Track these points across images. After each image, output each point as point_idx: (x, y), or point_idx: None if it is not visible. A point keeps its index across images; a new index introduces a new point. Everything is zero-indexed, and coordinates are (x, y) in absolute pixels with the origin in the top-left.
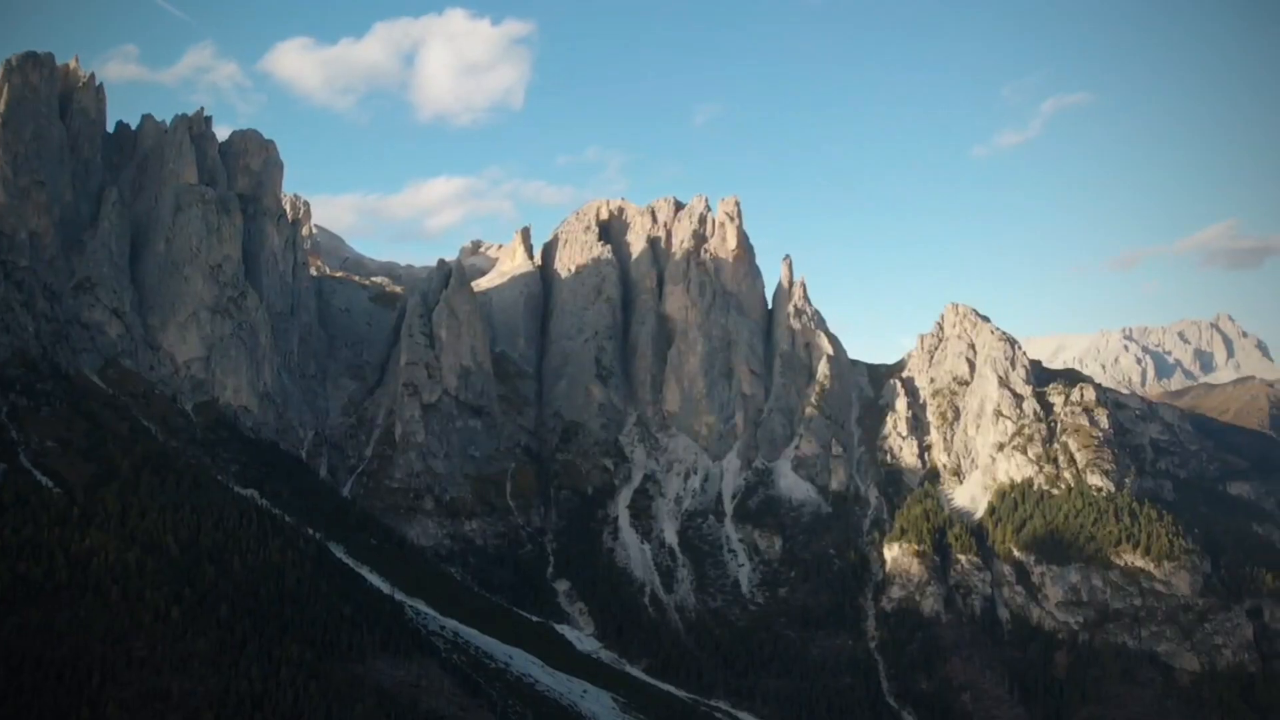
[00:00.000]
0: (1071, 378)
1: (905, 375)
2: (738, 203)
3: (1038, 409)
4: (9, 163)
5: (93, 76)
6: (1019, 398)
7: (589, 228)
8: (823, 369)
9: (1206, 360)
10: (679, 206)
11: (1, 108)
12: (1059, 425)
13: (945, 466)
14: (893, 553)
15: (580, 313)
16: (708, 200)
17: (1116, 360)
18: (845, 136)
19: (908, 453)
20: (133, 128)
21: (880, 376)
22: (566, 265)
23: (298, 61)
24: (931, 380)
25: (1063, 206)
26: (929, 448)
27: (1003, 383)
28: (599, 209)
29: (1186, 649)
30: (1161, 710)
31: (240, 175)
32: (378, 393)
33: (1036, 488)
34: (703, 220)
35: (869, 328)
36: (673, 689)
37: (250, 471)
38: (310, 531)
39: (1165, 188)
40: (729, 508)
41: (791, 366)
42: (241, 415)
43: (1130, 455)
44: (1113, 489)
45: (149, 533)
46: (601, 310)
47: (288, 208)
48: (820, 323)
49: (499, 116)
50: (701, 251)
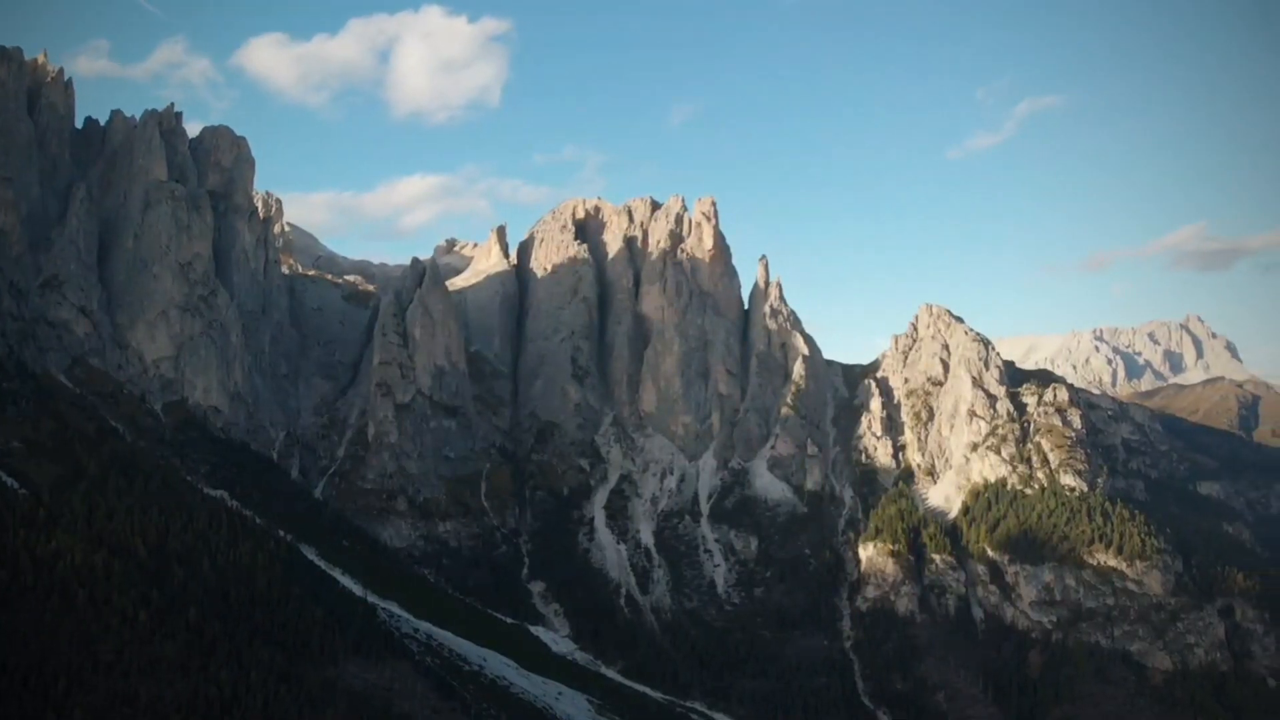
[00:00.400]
0: (1044, 378)
1: (880, 375)
2: (714, 203)
3: (1011, 409)
4: None
5: (61, 71)
6: (992, 398)
7: (565, 227)
8: (798, 369)
9: (1176, 361)
10: (656, 206)
11: None
12: (1032, 425)
13: (920, 466)
14: (868, 553)
15: (556, 312)
16: (684, 200)
17: (1087, 361)
18: (822, 137)
19: (882, 453)
20: (102, 124)
21: (855, 377)
22: (542, 264)
23: (271, 57)
24: (906, 380)
25: (1035, 208)
26: (903, 448)
27: (976, 383)
28: (575, 208)
29: (1159, 648)
30: (1134, 709)
31: (211, 172)
32: (350, 393)
33: (1010, 488)
34: (679, 220)
35: (844, 328)
36: (648, 690)
37: (220, 472)
38: (281, 533)
39: (1136, 190)
40: (705, 508)
41: (767, 367)
42: (211, 415)
43: (1102, 455)
44: (1085, 489)
45: (116, 535)
46: (578, 310)
47: (259, 205)
48: (796, 323)
49: (475, 114)
50: (678, 251)
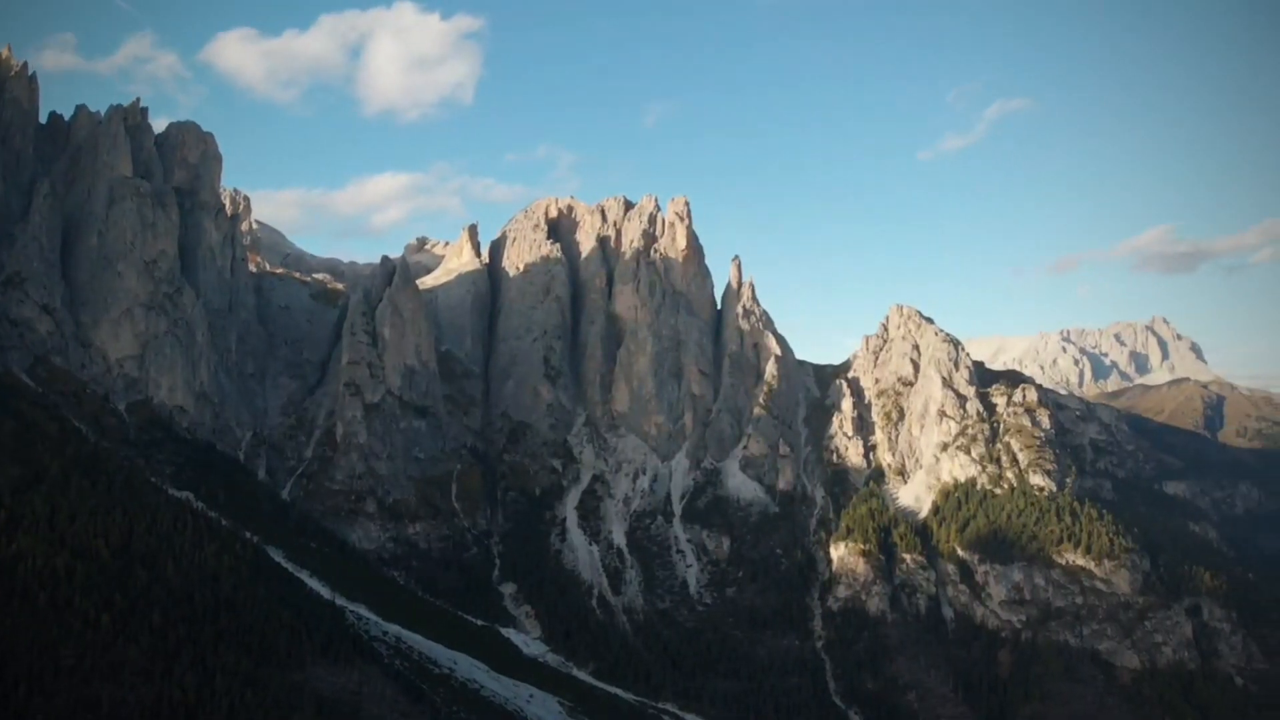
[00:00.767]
0: (1013, 379)
1: (851, 376)
2: (687, 203)
3: (980, 409)
4: None
5: (25, 65)
6: (962, 398)
7: (538, 226)
8: (771, 369)
9: (1142, 362)
10: (629, 206)
11: None
12: (1001, 426)
13: (890, 466)
14: (839, 552)
15: (529, 312)
16: (657, 200)
17: (1055, 362)
18: (795, 138)
19: (853, 452)
20: (66, 119)
21: (827, 377)
22: (515, 264)
23: (240, 53)
24: (877, 381)
25: (1004, 210)
26: (874, 447)
27: (946, 383)
28: (548, 207)
29: (1127, 647)
30: (1103, 707)
31: (177, 168)
32: (318, 392)
33: (980, 487)
34: (652, 220)
35: (816, 328)
36: (620, 692)
37: (185, 473)
38: (248, 535)
39: (1103, 193)
40: (677, 508)
41: (740, 367)
42: (177, 415)
43: (1070, 455)
44: (1054, 489)
45: (79, 537)
46: (550, 309)
47: (227, 202)
48: (768, 323)
49: (448, 112)
50: (651, 251)
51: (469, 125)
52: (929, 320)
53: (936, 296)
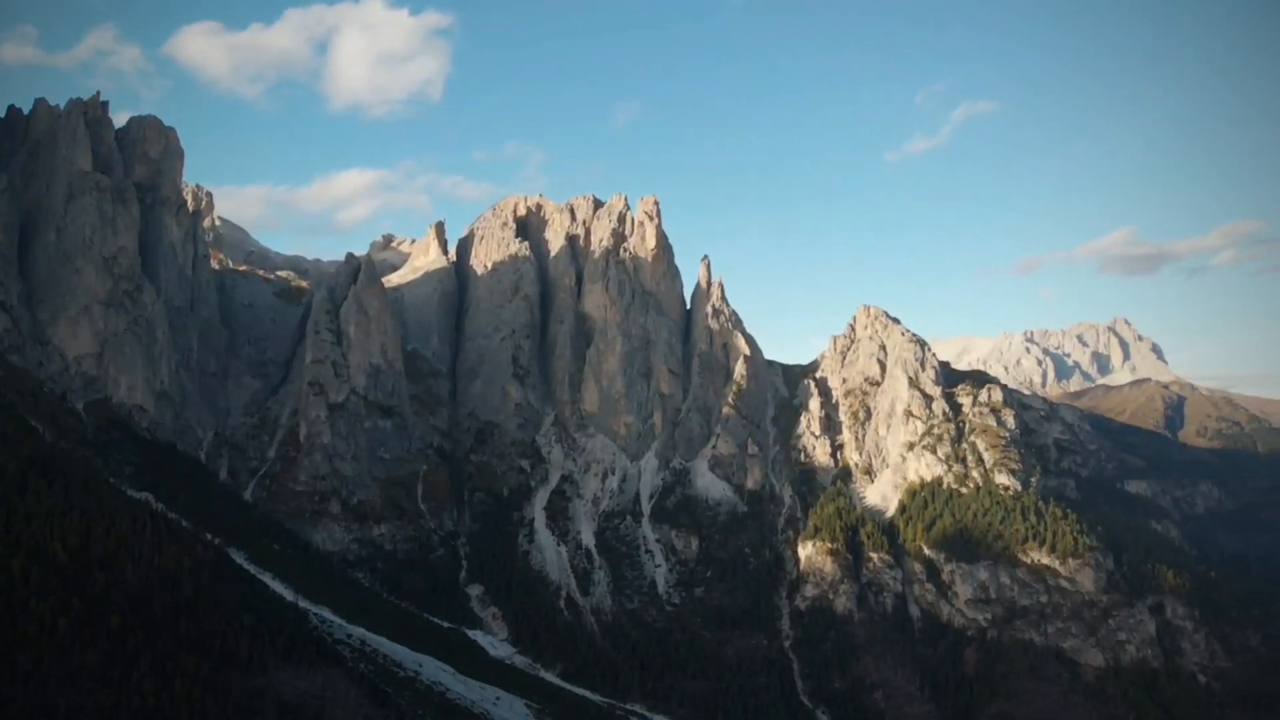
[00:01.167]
0: (979, 379)
1: (819, 376)
2: (657, 202)
3: (946, 409)
4: None
5: None
6: (928, 398)
7: (506, 224)
8: (740, 369)
9: (1104, 363)
10: (598, 204)
11: None
12: (967, 425)
13: (857, 465)
14: (806, 551)
15: (497, 310)
16: (627, 199)
17: (1019, 362)
18: (764, 139)
19: (821, 452)
20: (25, 112)
21: (795, 377)
22: (483, 262)
23: (204, 47)
24: (844, 380)
25: (970, 212)
26: (841, 447)
27: (913, 383)
28: (516, 205)
29: (1091, 645)
30: (1068, 705)
31: (138, 163)
32: (282, 392)
33: (946, 486)
34: (622, 219)
35: (784, 328)
36: (588, 693)
37: (145, 474)
38: (209, 537)
39: (1067, 195)
40: (646, 508)
41: (709, 366)
42: (136, 415)
43: (1035, 455)
44: (1019, 488)
45: (35, 539)
46: (519, 308)
47: (189, 198)
48: (737, 323)
49: (415, 109)
50: (621, 250)
51: (437, 122)
52: (896, 321)
53: (903, 297)
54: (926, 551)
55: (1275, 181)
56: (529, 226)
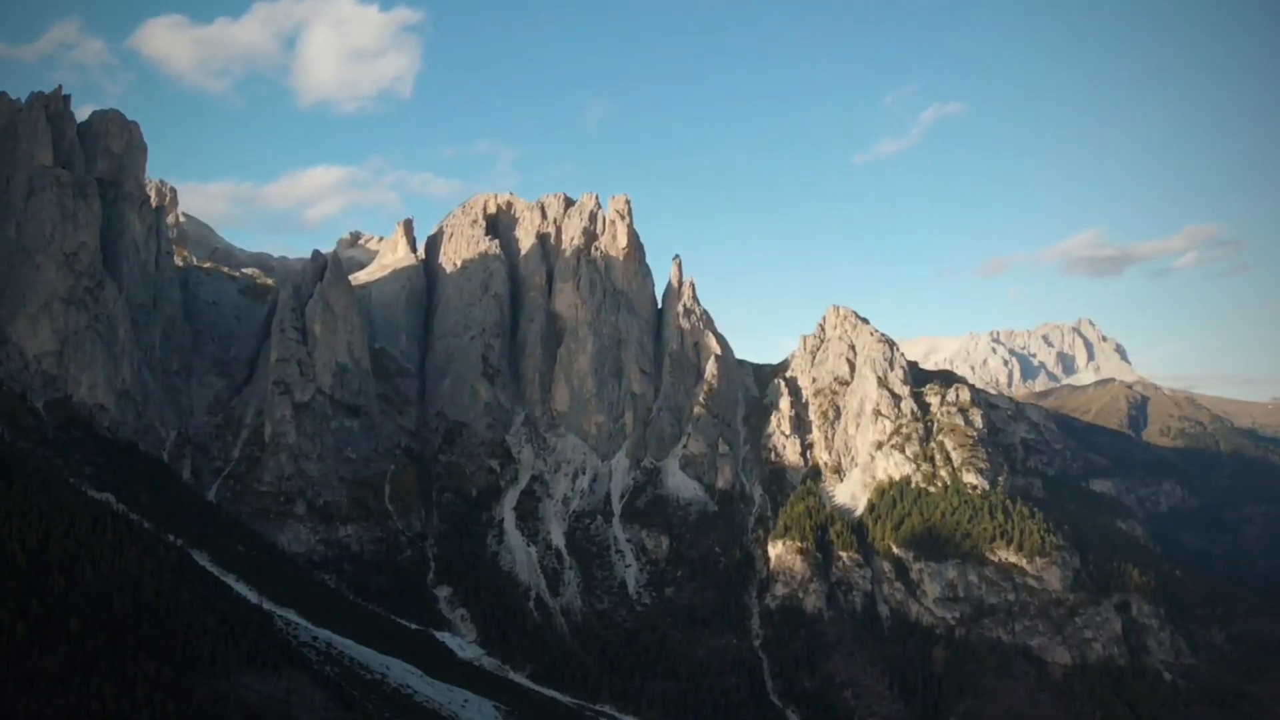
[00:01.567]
0: (947, 379)
1: (789, 375)
2: (628, 201)
3: (915, 409)
4: None
5: None
6: (897, 398)
7: (476, 221)
8: (711, 368)
9: (1069, 363)
10: (569, 203)
11: None
12: (935, 425)
13: (827, 464)
14: (776, 550)
15: (466, 309)
16: (598, 198)
17: (985, 362)
18: (735, 139)
19: (791, 451)
20: None
21: (765, 376)
22: (452, 260)
23: (169, 40)
24: (814, 380)
25: (938, 213)
26: (811, 446)
27: (881, 383)
28: (486, 202)
29: (1058, 643)
30: (1035, 703)
31: (100, 158)
32: (246, 391)
33: (914, 485)
34: (593, 217)
35: (755, 328)
36: (557, 695)
37: (106, 474)
38: (171, 538)
39: (1034, 197)
40: (617, 508)
41: (680, 366)
42: (97, 414)
43: (1002, 454)
44: (987, 487)
45: None
46: (489, 306)
47: (152, 194)
48: (709, 322)
49: (385, 105)
50: (592, 249)
51: (407, 119)
52: (865, 321)
53: (872, 297)
54: (895, 550)
55: (1237, 185)
56: (499, 224)
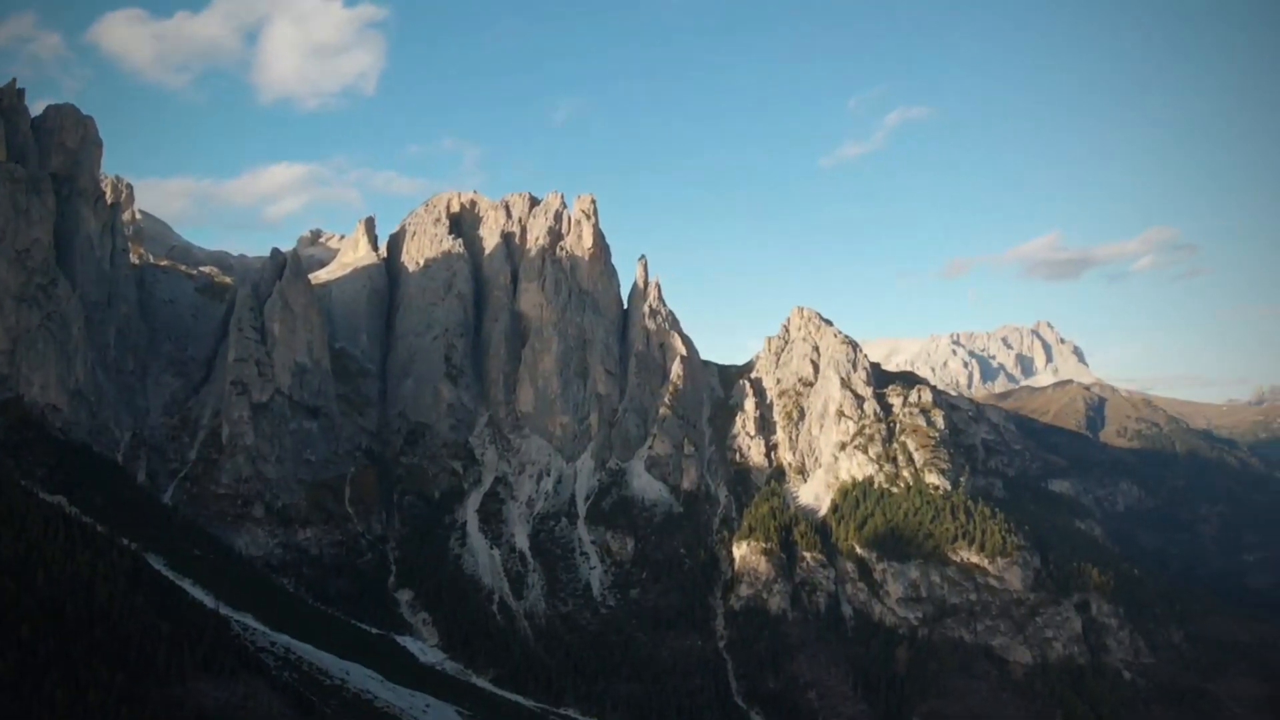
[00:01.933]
0: (909, 380)
1: (754, 376)
2: (594, 201)
3: (878, 410)
4: None
5: None
6: (860, 399)
7: (439, 220)
8: (676, 369)
9: (1027, 365)
10: (534, 202)
11: None
12: (898, 426)
13: (791, 465)
14: (741, 551)
15: (429, 308)
16: (564, 197)
17: (945, 364)
18: (702, 141)
19: (755, 452)
20: None
21: (731, 377)
22: (414, 258)
23: (127, 34)
24: (778, 381)
25: (900, 216)
26: (775, 447)
27: (845, 384)
28: (450, 201)
29: (1019, 642)
30: (997, 702)
31: (54, 153)
32: (203, 391)
33: (877, 486)
34: (559, 217)
35: (720, 329)
36: (521, 699)
37: (58, 476)
38: (125, 542)
39: (994, 200)
40: (582, 509)
41: (646, 366)
42: (49, 414)
43: (963, 455)
44: (949, 487)
45: None
46: (452, 306)
47: (107, 190)
48: (674, 323)
49: (348, 102)
50: (557, 249)
51: (370, 116)
52: (828, 322)
53: (836, 298)
54: (858, 550)
55: (1195, 189)
56: (463, 223)
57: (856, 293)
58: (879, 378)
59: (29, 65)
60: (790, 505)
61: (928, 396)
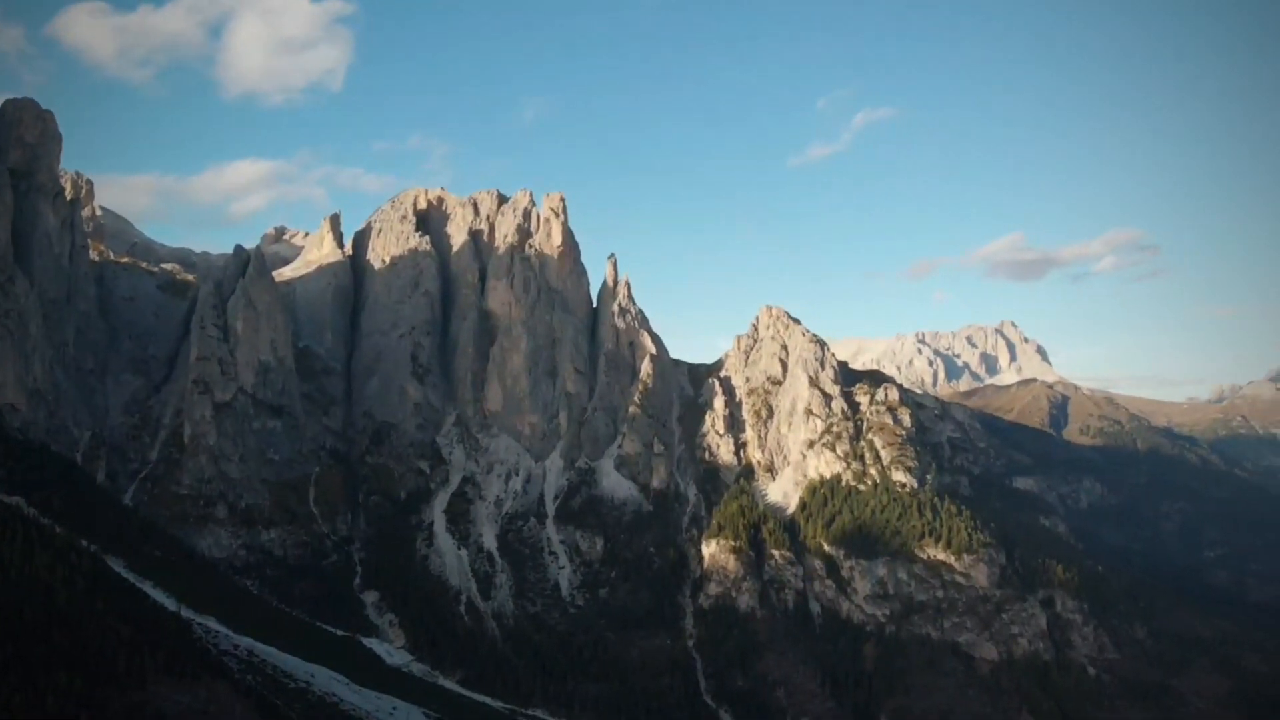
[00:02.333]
0: (876, 379)
1: (723, 375)
2: (563, 199)
3: (845, 408)
4: None
5: None
6: (828, 397)
7: (406, 217)
8: (646, 368)
9: (991, 363)
10: (503, 200)
11: None
12: (865, 424)
13: (760, 463)
14: (710, 549)
15: (395, 306)
16: (532, 195)
17: (911, 362)
18: (673, 141)
19: (725, 450)
20: None
21: (700, 376)
22: (380, 256)
23: (89, 28)
24: (747, 379)
25: (867, 217)
26: (744, 445)
27: (813, 382)
28: (417, 198)
29: (985, 639)
30: (964, 699)
31: (13, 148)
32: (165, 390)
33: (845, 483)
34: (527, 215)
35: (690, 328)
36: (489, 700)
37: (16, 477)
38: (85, 544)
39: (960, 201)
40: (551, 509)
41: (616, 365)
42: (7, 414)
43: (930, 453)
44: (915, 485)
45: None
46: (419, 304)
47: (67, 185)
48: (644, 322)
49: (315, 98)
50: (526, 247)
51: (337, 112)
52: (797, 321)
53: (804, 298)
54: (826, 548)
55: (1157, 191)
56: (430, 220)
57: (824, 293)
58: (846, 376)
59: None
60: (759, 503)
61: (894, 395)
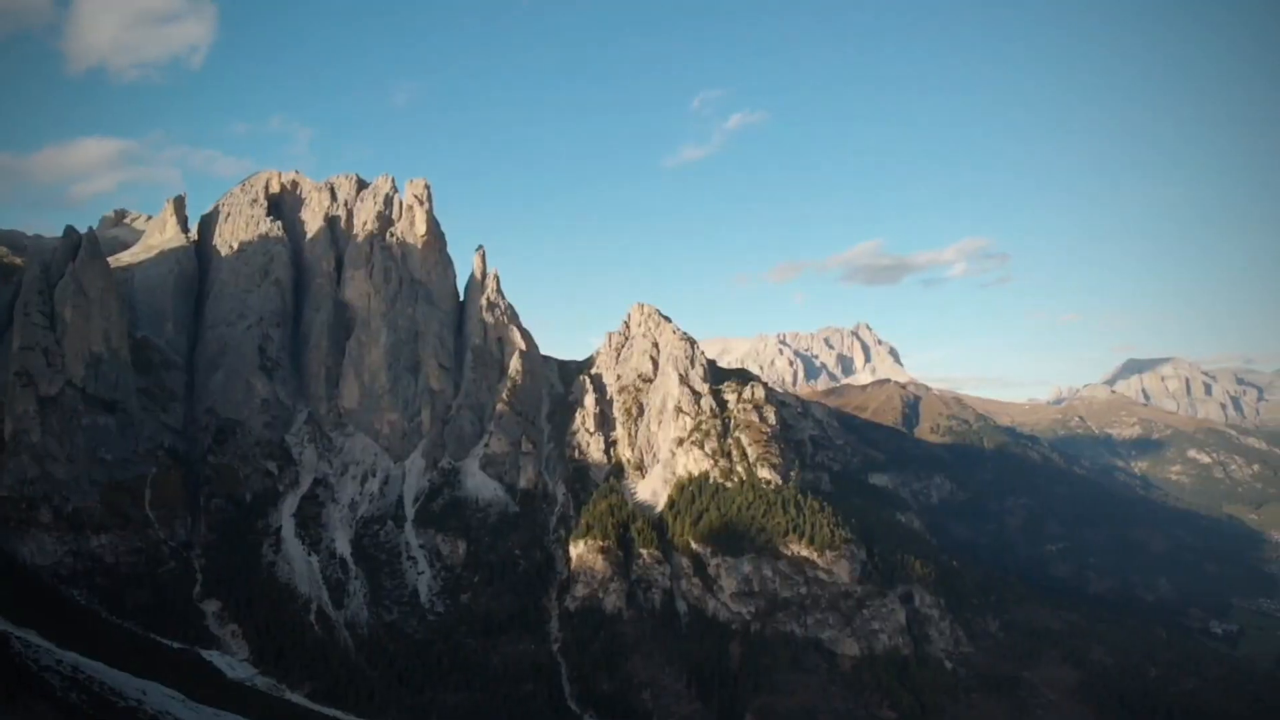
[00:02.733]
0: (743, 377)
1: (594, 372)
2: (428, 186)
3: (714, 406)
4: None
5: None
6: (698, 395)
7: (256, 201)
8: (515, 364)
9: (848, 364)
10: (362, 185)
11: None
12: (733, 421)
13: (630, 461)
14: (578, 550)
15: (243, 295)
16: (394, 180)
17: (773, 362)
18: (547, 139)
19: (594, 448)
20: None
21: (571, 373)
22: (228, 241)
23: None
24: (618, 377)
25: (735, 219)
26: (615, 443)
27: (683, 380)
28: (269, 181)
29: (847, 635)
30: (827, 695)
31: None
32: None
33: (712, 481)
34: (389, 201)
35: (561, 324)
36: (340, 713)
37: None
38: None
39: (823, 207)
40: (410, 512)
41: (483, 361)
42: None
43: (794, 450)
44: (780, 482)
45: None
46: (268, 293)
47: None
48: (513, 317)
49: (172, 75)
50: (387, 235)
51: (196, 91)
52: (668, 319)
53: (674, 297)
54: (694, 546)
55: (1004, 201)
56: (283, 205)
57: (692, 292)
58: (715, 374)
59: None
60: (629, 502)
61: (760, 393)
